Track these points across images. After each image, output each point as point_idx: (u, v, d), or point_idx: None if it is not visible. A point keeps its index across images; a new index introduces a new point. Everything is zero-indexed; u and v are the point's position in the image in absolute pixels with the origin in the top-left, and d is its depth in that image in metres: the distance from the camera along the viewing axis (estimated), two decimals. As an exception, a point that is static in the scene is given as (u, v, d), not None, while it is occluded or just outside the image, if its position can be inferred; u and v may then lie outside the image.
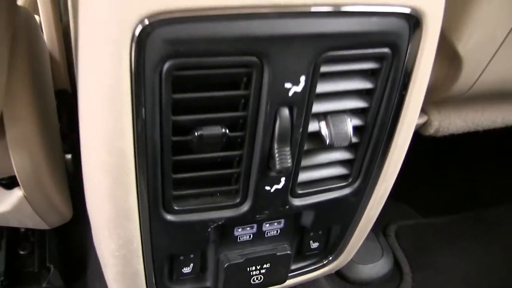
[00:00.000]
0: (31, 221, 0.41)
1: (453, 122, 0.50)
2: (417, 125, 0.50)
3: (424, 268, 0.63)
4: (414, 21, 0.27)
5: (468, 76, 0.41)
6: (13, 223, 0.42)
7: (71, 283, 0.51)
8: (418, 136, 0.52)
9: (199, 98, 0.26)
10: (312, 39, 0.25)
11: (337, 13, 0.25)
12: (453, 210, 0.73)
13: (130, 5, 0.22)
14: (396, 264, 0.62)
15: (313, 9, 0.25)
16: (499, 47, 0.39)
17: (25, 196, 0.36)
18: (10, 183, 0.37)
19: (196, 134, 0.26)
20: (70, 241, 0.52)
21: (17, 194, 0.36)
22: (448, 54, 0.39)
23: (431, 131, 0.50)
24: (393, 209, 0.68)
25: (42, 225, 0.42)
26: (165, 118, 0.25)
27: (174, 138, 0.26)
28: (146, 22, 0.22)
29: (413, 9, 0.27)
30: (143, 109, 0.25)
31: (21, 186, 0.35)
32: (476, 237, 0.70)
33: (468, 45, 0.38)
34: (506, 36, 0.38)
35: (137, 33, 0.22)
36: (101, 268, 0.41)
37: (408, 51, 0.28)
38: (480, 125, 0.54)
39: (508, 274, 0.64)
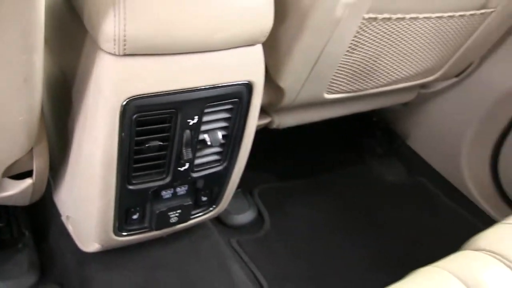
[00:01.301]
0: (22, 200, 0.70)
1: (287, 120, 0.91)
2: (264, 124, 0.89)
3: (279, 215, 1.04)
4: (249, 85, 0.64)
5: (289, 98, 0.80)
6: (5, 203, 0.71)
7: (41, 242, 0.82)
8: (270, 131, 0.92)
9: (148, 129, 0.60)
10: (200, 100, 0.61)
11: (213, 87, 0.61)
12: (302, 177, 1.17)
13: (121, 94, 0.55)
14: (259, 213, 1.03)
15: (201, 87, 0.60)
16: (304, 82, 0.78)
17: (33, 184, 0.66)
18: (23, 174, 0.66)
19: (146, 145, 0.61)
20: (37, 209, 0.81)
21: (27, 182, 0.66)
22: (276, 87, 0.78)
23: (274, 126, 0.90)
24: (258, 178, 1.10)
25: (25, 202, 0.72)
26: (132, 138, 0.59)
27: (135, 147, 0.60)
28: (127, 99, 0.56)
29: (249, 81, 0.64)
30: (123, 133, 0.58)
31: (33, 177, 0.65)
32: (318, 195, 1.14)
33: (286, 82, 0.77)
34: (307, 77, 0.78)
35: (123, 103, 0.55)
36: (64, 229, 0.75)
37: (247, 98, 0.65)
38: (307, 120, 0.96)
39: (335, 218, 1.08)
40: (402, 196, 1.18)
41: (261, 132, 0.86)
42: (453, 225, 1.12)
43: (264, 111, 0.88)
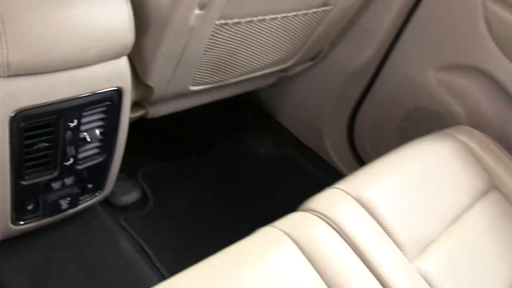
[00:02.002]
0: None
1: (161, 110, 1.11)
2: (139, 115, 1.08)
3: (162, 193, 1.25)
4: (119, 90, 0.83)
5: (158, 93, 1.00)
6: None
7: None
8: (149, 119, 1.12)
9: (35, 133, 0.77)
10: (78, 106, 0.79)
11: (88, 95, 0.79)
12: (182, 158, 1.38)
13: (9, 108, 0.71)
14: (144, 193, 1.23)
15: (77, 96, 0.78)
16: (170, 79, 0.98)
17: None
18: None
19: (35, 147, 0.78)
20: None
21: None
22: (146, 86, 0.97)
23: (149, 116, 1.09)
24: (141, 161, 1.30)
25: None
26: (21, 142, 0.76)
27: (25, 149, 0.77)
28: (14, 111, 0.72)
29: (118, 87, 0.82)
30: (13, 138, 0.74)
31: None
32: (197, 172, 1.36)
33: (153, 81, 0.96)
34: (172, 75, 0.98)
35: (12, 115, 0.72)
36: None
37: (118, 100, 0.84)
38: (179, 108, 1.16)
39: (214, 192, 1.31)
40: (274, 167, 1.44)
41: (141, 121, 1.06)
42: (317, 190, 1.39)
43: (139, 105, 1.07)
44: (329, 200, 0.83)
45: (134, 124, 0.98)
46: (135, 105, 0.96)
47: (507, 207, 1.03)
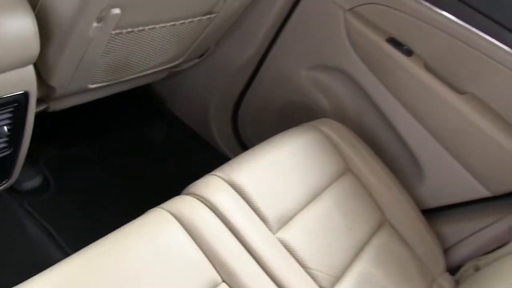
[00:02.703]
0: None
1: (62, 104, 1.24)
2: (42, 109, 1.20)
3: (63, 178, 1.39)
4: (26, 93, 0.96)
5: (61, 91, 1.14)
6: None
7: None
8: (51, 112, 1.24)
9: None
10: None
11: (-3, 99, 0.92)
12: (82, 146, 1.52)
13: None
14: (45, 178, 1.36)
15: None
16: (70, 80, 1.12)
17: None
18: None
19: None
20: None
21: None
22: (49, 86, 1.10)
23: (50, 110, 1.22)
24: (43, 149, 1.42)
25: None
26: None
27: None
28: None
29: (25, 90, 0.96)
30: None
31: None
32: (96, 159, 1.51)
33: (55, 82, 1.10)
34: (72, 76, 1.11)
35: None
36: None
37: (25, 102, 0.98)
38: (80, 102, 1.30)
39: (111, 176, 1.47)
40: (166, 153, 1.62)
41: (45, 115, 1.19)
42: (204, 174, 1.59)
43: (42, 100, 1.19)
44: (207, 185, 1.02)
45: (37, 116, 1.11)
46: (38, 100, 1.09)
47: (358, 186, 1.29)
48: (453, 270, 1.37)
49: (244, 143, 1.70)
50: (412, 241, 1.30)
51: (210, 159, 1.65)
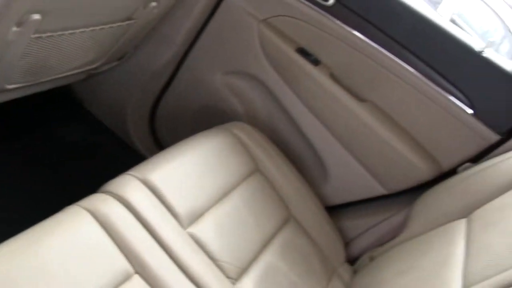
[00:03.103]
0: None
1: None
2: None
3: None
4: None
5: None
6: None
7: None
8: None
9: None
10: None
11: None
12: None
13: None
14: None
15: None
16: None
17: None
18: None
19: None
20: None
21: None
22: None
23: None
24: None
25: None
26: None
27: None
28: None
29: None
30: None
31: None
32: (14, 159, 1.54)
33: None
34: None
35: None
36: None
37: None
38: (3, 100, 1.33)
39: (29, 175, 1.50)
40: (84, 152, 1.67)
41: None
42: (121, 172, 1.66)
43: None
44: (123, 183, 1.10)
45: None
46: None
47: (266, 185, 1.40)
48: (353, 261, 1.52)
49: (160, 143, 1.77)
50: (315, 235, 1.43)
51: (127, 158, 1.71)
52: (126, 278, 0.95)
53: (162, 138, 1.77)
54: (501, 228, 1.03)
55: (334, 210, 1.59)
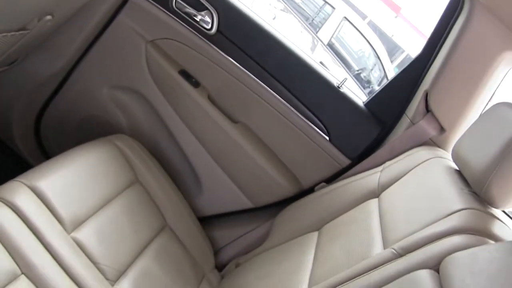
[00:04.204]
0: None
1: None
2: None
3: None
4: None
5: None
6: None
7: None
8: None
9: None
10: None
11: None
12: None
13: None
14: None
15: None
16: None
17: None
18: None
19: None
20: None
21: None
22: None
23: None
24: None
25: None
26: None
27: None
28: None
29: None
30: None
31: None
32: None
33: None
34: None
35: None
36: None
37: None
38: None
39: None
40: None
41: None
42: (5, 178, 1.69)
43: None
44: (11, 189, 1.18)
45: None
46: None
47: (144, 195, 1.54)
48: (221, 267, 1.70)
49: (46, 151, 1.83)
50: (188, 243, 1.59)
51: (13, 165, 1.75)
52: (13, 278, 1.04)
53: (47, 146, 1.83)
54: (343, 240, 1.27)
55: (206, 221, 1.76)
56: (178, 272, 1.48)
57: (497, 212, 1.07)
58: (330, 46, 5.32)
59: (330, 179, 1.65)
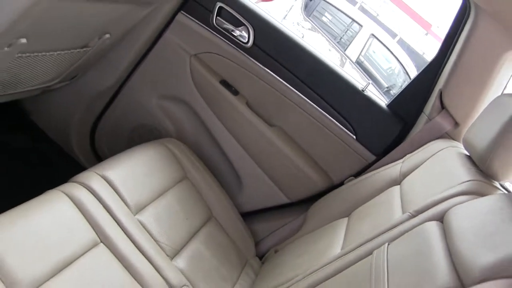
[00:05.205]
0: None
1: None
2: None
3: None
4: None
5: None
6: None
7: None
8: None
9: None
10: None
11: None
12: None
13: None
14: None
15: None
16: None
17: None
18: None
19: None
20: None
21: None
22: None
23: None
24: None
25: None
26: None
27: None
28: None
29: None
30: None
31: None
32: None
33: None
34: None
35: None
36: None
37: None
38: None
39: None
40: (26, 158, 1.97)
41: None
42: (63, 177, 1.97)
43: None
44: (88, 177, 1.44)
45: None
46: None
47: (193, 190, 1.79)
48: (261, 257, 1.93)
49: (99, 155, 2.11)
50: (231, 233, 1.83)
51: (67, 166, 2.03)
52: (94, 245, 1.30)
53: (100, 150, 2.11)
54: (368, 219, 1.49)
55: (247, 216, 2.00)
56: (225, 256, 1.71)
57: (499, 185, 1.29)
58: (359, 63, 5.55)
59: (358, 174, 1.88)
